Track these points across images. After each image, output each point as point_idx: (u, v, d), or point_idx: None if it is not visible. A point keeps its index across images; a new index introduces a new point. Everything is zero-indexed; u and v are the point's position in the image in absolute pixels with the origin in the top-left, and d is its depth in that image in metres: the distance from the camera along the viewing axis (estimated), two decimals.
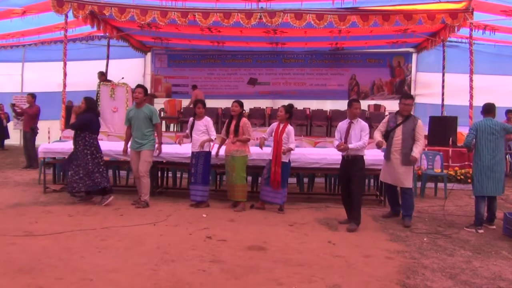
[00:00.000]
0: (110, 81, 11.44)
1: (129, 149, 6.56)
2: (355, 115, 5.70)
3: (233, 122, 6.43)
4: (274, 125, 6.40)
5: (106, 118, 9.73)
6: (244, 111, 6.73)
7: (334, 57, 13.68)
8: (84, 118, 6.39)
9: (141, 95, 6.39)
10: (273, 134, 6.31)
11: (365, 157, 5.74)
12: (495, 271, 4.08)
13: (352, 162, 5.64)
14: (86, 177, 6.27)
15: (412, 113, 6.01)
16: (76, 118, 6.47)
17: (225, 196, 6.60)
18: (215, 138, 6.46)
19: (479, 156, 5.56)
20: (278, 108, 6.59)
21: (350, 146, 5.56)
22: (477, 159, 5.60)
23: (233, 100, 6.64)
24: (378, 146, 5.88)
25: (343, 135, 5.71)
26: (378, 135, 5.96)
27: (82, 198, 6.54)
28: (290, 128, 6.24)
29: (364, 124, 5.72)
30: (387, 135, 5.89)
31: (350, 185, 5.64)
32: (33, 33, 12.19)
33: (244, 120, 6.46)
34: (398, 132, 5.78)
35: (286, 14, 9.10)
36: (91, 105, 6.57)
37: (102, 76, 11.65)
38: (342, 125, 5.84)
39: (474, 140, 5.63)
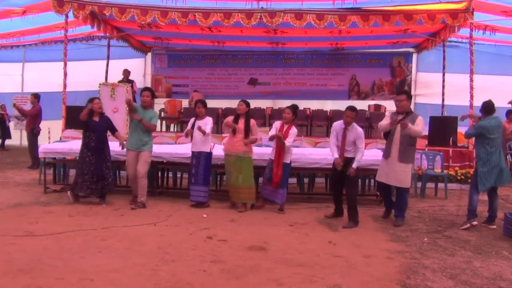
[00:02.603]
0: (132, 81, 11.58)
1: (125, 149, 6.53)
2: (348, 123, 5.81)
3: (241, 121, 6.37)
4: (278, 123, 6.38)
5: None
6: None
7: (334, 57, 13.66)
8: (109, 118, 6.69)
9: (149, 99, 6.43)
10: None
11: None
12: (495, 271, 4.08)
13: (347, 165, 5.73)
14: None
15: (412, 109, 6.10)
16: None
17: (226, 196, 6.59)
18: (209, 133, 6.43)
19: (484, 155, 5.65)
20: (279, 108, 6.60)
21: (354, 165, 5.65)
22: (483, 157, 5.66)
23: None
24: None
25: (340, 140, 5.84)
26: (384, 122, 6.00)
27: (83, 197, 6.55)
28: (294, 130, 6.26)
29: (359, 132, 5.77)
30: (388, 133, 5.93)
31: (342, 185, 5.87)
32: (33, 33, 12.18)
33: (253, 121, 6.46)
34: (398, 129, 5.76)
35: (286, 14, 9.08)
36: None
37: (126, 73, 11.79)
38: (337, 125, 5.94)
39: (474, 137, 5.91)
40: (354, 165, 5.65)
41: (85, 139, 6.42)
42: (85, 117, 6.33)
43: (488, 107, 5.76)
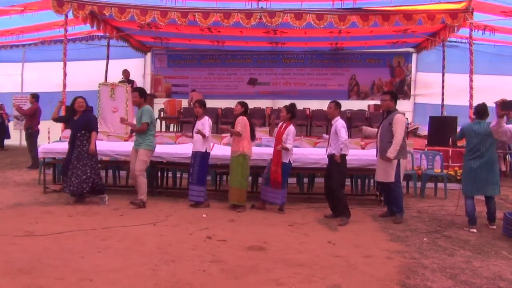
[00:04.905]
0: (132, 81, 11.58)
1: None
2: (330, 115, 6.13)
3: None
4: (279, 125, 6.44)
5: (106, 118, 9.75)
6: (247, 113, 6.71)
7: (334, 57, 13.67)
8: (93, 117, 6.77)
9: (136, 99, 6.63)
10: (275, 133, 6.38)
11: (347, 157, 5.98)
12: (495, 271, 4.08)
13: (332, 160, 5.94)
14: (95, 176, 6.40)
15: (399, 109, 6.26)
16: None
17: (226, 197, 6.59)
18: (209, 136, 6.46)
19: (464, 158, 5.74)
20: (279, 108, 6.61)
21: (336, 152, 5.85)
22: (464, 160, 5.77)
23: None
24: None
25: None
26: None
27: (77, 199, 6.52)
28: (291, 129, 6.25)
29: (337, 124, 5.96)
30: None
31: (330, 182, 5.97)
32: (33, 30, 12.16)
33: (240, 117, 6.42)
34: (380, 128, 6.08)
35: (286, 14, 9.09)
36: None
37: (126, 73, 11.81)
38: None
39: (462, 138, 6.01)
40: (336, 152, 5.83)
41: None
42: (55, 116, 6.83)
43: (475, 111, 5.79)
